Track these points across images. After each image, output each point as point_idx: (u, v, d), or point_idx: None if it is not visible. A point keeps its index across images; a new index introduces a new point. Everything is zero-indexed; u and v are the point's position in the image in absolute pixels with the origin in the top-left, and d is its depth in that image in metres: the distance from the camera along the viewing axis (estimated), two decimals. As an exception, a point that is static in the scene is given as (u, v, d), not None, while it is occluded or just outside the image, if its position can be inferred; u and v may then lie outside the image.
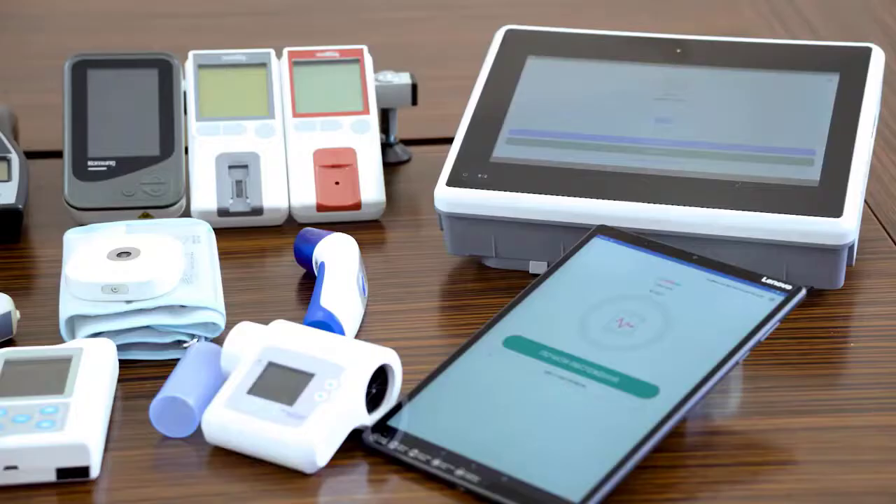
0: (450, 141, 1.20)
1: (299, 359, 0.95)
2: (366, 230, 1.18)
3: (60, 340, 1.04)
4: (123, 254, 1.05)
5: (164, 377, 1.00)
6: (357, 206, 1.20)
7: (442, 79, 1.36)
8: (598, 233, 1.03)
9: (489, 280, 1.13)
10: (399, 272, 1.14)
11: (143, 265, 1.03)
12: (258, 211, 1.19)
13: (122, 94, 1.22)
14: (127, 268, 1.03)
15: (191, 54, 1.24)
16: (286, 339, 0.97)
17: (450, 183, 1.11)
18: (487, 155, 1.13)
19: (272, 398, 0.93)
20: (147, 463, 0.93)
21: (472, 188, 1.10)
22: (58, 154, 1.25)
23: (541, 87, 1.16)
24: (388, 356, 0.96)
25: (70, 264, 1.04)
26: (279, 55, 1.25)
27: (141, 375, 1.01)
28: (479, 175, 1.11)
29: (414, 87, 1.27)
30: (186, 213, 1.19)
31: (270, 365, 0.95)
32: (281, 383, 0.94)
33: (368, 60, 1.25)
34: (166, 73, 1.23)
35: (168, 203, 1.18)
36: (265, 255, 1.17)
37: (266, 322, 0.99)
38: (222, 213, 1.19)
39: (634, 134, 1.11)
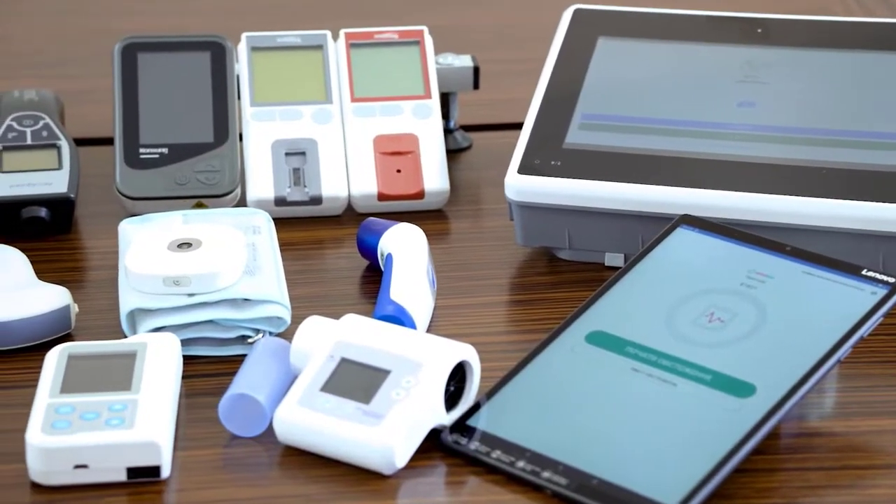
0: (513, 127, 1.16)
1: (374, 355, 0.91)
2: (428, 220, 1.13)
3: (118, 334, 0.99)
4: (184, 245, 1.00)
5: (228, 374, 0.96)
6: (420, 195, 1.15)
7: (503, 61, 1.31)
8: (681, 222, 0.98)
9: (561, 273, 1.08)
10: (465, 264, 1.09)
11: (206, 257, 0.99)
12: (317, 200, 1.14)
13: (174, 79, 1.17)
14: (189, 259, 0.98)
15: (244, 36, 1.20)
16: (359, 334, 0.92)
17: (521, 170, 1.06)
18: (560, 141, 1.08)
19: (347, 396, 0.89)
20: (217, 463, 0.89)
21: (544, 176, 1.06)
22: (104, 141, 1.20)
23: (613, 69, 1.11)
24: (466, 352, 0.91)
25: (129, 256, 0.99)
26: (335, 37, 1.21)
27: (203, 372, 0.97)
28: (552, 162, 1.06)
29: (476, 70, 1.22)
30: (241, 203, 1.15)
31: (343, 361, 0.91)
32: (356, 380, 0.90)
33: (429, 42, 1.20)
34: (219, 56, 1.18)
35: (223, 192, 1.13)
36: (323, 247, 1.12)
37: (329, 317, 0.95)
38: (279, 202, 1.14)
39: (716, 118, 1.06)
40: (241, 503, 0.86)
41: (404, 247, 1.05)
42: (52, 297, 0.98)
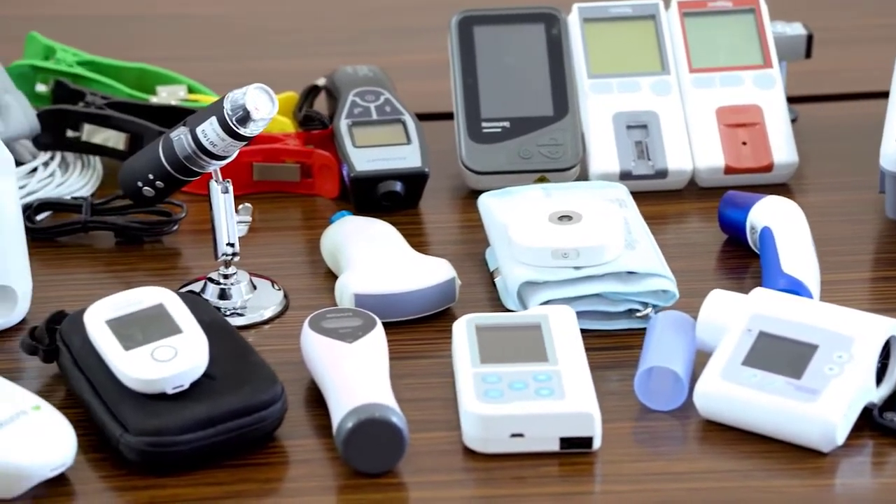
0: (840, 98, 1.11)
1: (796, 329, 0.87)
2: (773, 194, 1.08)
3: (494, 306, 0.97)
4: (565, 217, 0.97)
5: (620, 348, 0.94)
6: (769, 167, 1.11)
7: (830, 30, 1.26)
8: None
9: (935, 248, 1.04)
10: (827, 239, 1.04)
11: (590, 230, 0.96)
12: (662, 174, 1.11)
13: (510, 52, 1.14)
14: (574, 232, 0.96)
15: (575, 7, 1.17)
16: (775, 308, 0.88)
17: (899, 140, 1.03)
18: (935, 110, 1.04)
19: (774, 370, 0.86)
20: (636, 436, 0.87)
21: (925, 145, 1.02)
22: (433, 116, 1.18)
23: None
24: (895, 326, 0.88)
25: (514, 229, 0.97)
26: (667, 6, 1.17)
27: (595, 346, 0.93)
28: (933, 131, 1.02)
29: (810, 38, 1.18)
30: (581, 177, 1.12)
31: (763, 335, 0.88)
32: (780, 354, 0.86)
33: (764, 10, 1.16)
34: (553, 28, 1.15)
35: (567, 166, 1.10)
36: (668, 221, 1.09)
37: (699, 293, 0.91)
38: (625, 176, 1.11)
39: None
40: (674, 476, 0.84)
41: (783, 220, 1.01)
42: (439, 270, 0.96)
